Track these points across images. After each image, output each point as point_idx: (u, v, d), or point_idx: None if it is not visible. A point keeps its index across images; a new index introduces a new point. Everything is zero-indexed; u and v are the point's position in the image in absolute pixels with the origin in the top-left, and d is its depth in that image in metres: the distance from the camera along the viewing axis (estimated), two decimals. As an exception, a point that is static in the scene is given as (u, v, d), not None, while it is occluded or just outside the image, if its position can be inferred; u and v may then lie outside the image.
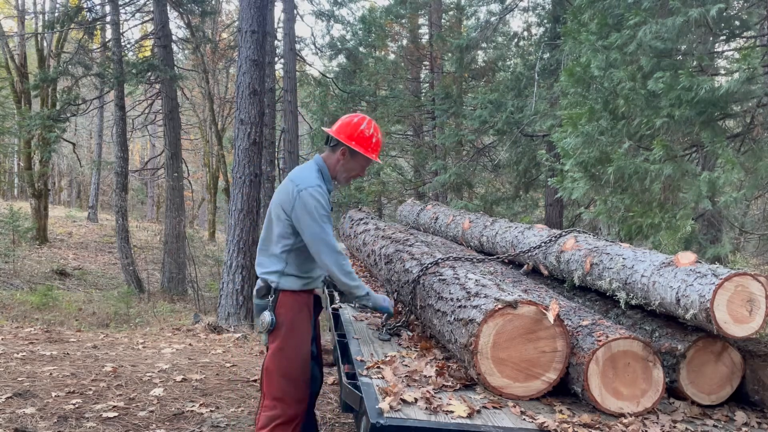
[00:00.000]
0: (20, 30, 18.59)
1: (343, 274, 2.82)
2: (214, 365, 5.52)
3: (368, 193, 16.23)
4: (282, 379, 2.78)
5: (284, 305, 2.82)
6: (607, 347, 2.35)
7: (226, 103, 22.53)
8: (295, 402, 2.78)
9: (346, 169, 2.92)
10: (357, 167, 2.94)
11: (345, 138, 2.85)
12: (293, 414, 2.77)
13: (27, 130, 14.73)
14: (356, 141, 2.85)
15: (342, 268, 2.81)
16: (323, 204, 2.77)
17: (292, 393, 2.78)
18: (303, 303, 2.89)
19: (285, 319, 2.80)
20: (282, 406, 2.76)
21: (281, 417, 2.75)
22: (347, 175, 2.94)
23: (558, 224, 10.84)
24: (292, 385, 2.78)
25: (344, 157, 2.89)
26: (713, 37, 5.23)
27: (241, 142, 8.16)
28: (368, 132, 2.87)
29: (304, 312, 2.88)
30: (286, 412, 2.76)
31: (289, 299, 2.84)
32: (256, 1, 8.16)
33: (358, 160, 2.91)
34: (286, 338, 2.79)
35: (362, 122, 2.89)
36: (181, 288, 13.41)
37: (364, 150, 2.86)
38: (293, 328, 2.81)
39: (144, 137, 30.31)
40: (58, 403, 4.20)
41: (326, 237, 2.77)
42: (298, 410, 2.78)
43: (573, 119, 5.38)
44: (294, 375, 2.79)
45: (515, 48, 14.78)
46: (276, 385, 2.78)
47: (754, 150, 4.85)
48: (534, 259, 3.83)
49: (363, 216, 5.71)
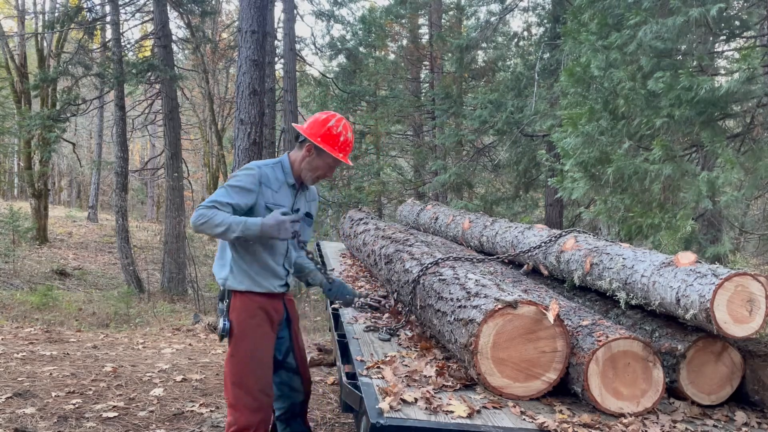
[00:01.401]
0: (20, 30, 18.59)
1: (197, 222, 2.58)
2: (214, 365, 5.52)
3: (368, 193, 16.23)
4: (233, 386, 2.66)
5: (235, 309, 2.69)
6: (607, 347, 2.35)
7: (226, 103, 22.54)
8: (249, 411, 2.64)
9: (311, 167, 2.79)
10: (323, 166, 2.79)
11: (311, 134, 2.75)
12: (245, 423, 2.63)
13: (27, 130, 14.73)
14: (322, 138, 2.74)
15: (195, 218, 2.58)
16: (242, 179, 2.67)
17: (245, 401, 2.65)
18: (256, 307, 2.71)
19: (235, 324, 2.68)
20: (234, 414, 2.66)
21: (234, 425, 2.65)
22: (312, 174, 2.81)
23: (558, 224, 10.84)
24: (243, 392, 2.65)
25: (309, 154, 2.77)
26: (713, 37, 5.23)
27: (241, 142, 8.15)
28: (336, 130, 2.76)
29: (258, 317, 2.71)
30: (238, 420, 2.65)
31: (240, 302, 2.70)
32: (256, 1, 8.15)
33: (324, 158, 2.77)
34: (236, 344, 2.68)
35: (331, 119, 2.78)
36: (181, 288, 13.40)
37: (329, 148, 2.74)
38: (243, 334, 2.67)
39: (144, 137, 30.30)
40: (58, 403, 4.20)
41: (214, 195, 2.65)
42: (251, 419, 2.64)
43: (573, 119, 5.38)
44: (245, 383, 2.66)
45: (515, 48, 14.78)
46: (229, 391, 2.68)
47: (754, 150, 4.85)
48: (534, 259, 3.83)
49: (363, 216, 5.72)
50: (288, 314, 2.93)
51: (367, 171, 16.79)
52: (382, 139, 17.93)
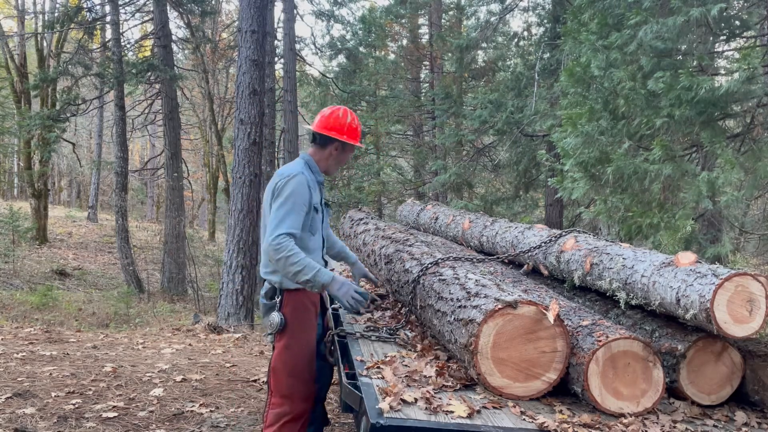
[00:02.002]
0: (20, 30, 18.59)
1: (275, 252, 2.61)
2: (214, 365, 5.52)
3: (368, 193, 16.24)
4: (289, 377, 2.82)
5: (289, 304, 2.85)
6: (607, 347, 2.35)
7: (226, 103, 22.53)
8: (302, 399, 2.82)
9: (338, 161, 3.02)
10: (347, 157, 3.06)
11: (336, 134, 2.93)
12: (301, 411, 2.81)
13: (27, 130, 14.73)
14: (347, 135, 2.94)
15: (275, 248, 2.61)
16: (300, 192, 2.76)
17: (300, 390, 2.82)
18: (309, 301, 2.91)
19: (291, 318, 2.84)
20: (290, 404, 2.81)
21: (290, 414, 2.80)
22: (338, 166, 3.05)
23: (558, 224, 10.84)
24: (300, 382, 2.82)
25: (337, 152, 2.98)
26: (713, 37, 5.23)
27: (241, 142, 8.16)
28: (354, 123, 2.97)
29: (310, 311, 2.91)
30: (294, 409, 2.80)
31: (295, 298, 2.86)
32: (256, 1, 8.16)
33: (348, 150, 3.02)
34: (292, 336, 2.83)
35: (346, 115, 2.97)
36: (181, 288, 13.41)
37: (354, 140, 2.97)
38: (300, 327, 2.85)
39: (144, 137, 30.31)
40: (58, 403, 4.20)
41: (283, 217, 2.67)
42: (305, 407, 2.83)
43: (573, 119, 5.38)
44: (301, 372, 2.83)
45: (515, 48, 14.78)
46: (284, 382, 2.82)
47: (754, 150, 4.85)
48: (534, 259, 3.83)
49: (363, 216, 5.72)
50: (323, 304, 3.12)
51: (367, 171, 16.80)
52: (382, 139, 17.94)
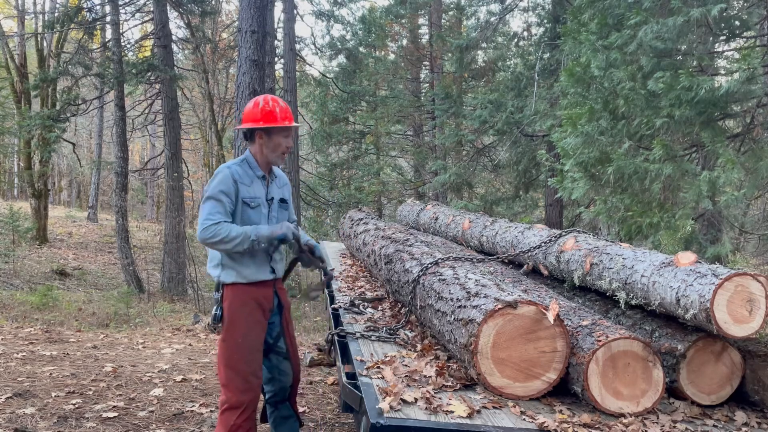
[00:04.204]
0: (20, 30, 18.59)
1: (210, 242, 2.80)
2: (213, 365, 5.52)
3: (368, 193, 16.24)
4: (226, 368, 2.91)
5: (227, 298, 2.92)
6: (607, 347, 2.35)
7: (226, 103, 22.52)
8: (239, 391, 2.88)
9: (271, 148, 2.99)
10: (279, 141, 2.99)
11: (252, 123, 2.95)
12: (236, 401, 2.88)
13: (27, 130, 14.71)
14: (263, 119, 2.93)
15: (207, 239, 2.79)
16: (218, 186, 2.85)
17: (236, 382, 2.89)
18: (248, 296, 2.93)
19: (228, 313, 2.91)
20: (227, 393, 2.91)
21: (227, 403, 2.90)
22: (276, 153, 3.01)
23: (558, 224, 10.84)
24: (235, 374, 2.89)
25: (263, 140, 2.97)
26: (713, 37, 5.22)
27: (241, 142, 8.16)
28: (268, 107, 2.94)
29: (249, 305, 2.93)
30: (230, 399, 2.89)
31: (232, 293, 2.92)
32: (256, 1, 8.16)
33: (275, 134, 2.97)
34: (227, 330, 2.91)
35: (259, 101, 2.98)
36: (181, 288, 13.40)
37: (273, 122, 2.93)
38: (234, 322, 2.90)
39: (144, 137, 30.27)
40: (58, 403, 4.20)
41: (203, 211, 2.83)
42: (242, 398, 2.88)
43: (573, 119, 5.37)
44: (235, 365, 2.89)
45: (515, 48, 14.77)
46: (222, 373, 2.92)
47: (754, 150, 4.85)
48: (534, 259, 3.83)
49: (363, 216, 5.72)
50: (279, 301, 3.11)
51: (367, 171, 16.80)
52: (382, 139, 17.94)
